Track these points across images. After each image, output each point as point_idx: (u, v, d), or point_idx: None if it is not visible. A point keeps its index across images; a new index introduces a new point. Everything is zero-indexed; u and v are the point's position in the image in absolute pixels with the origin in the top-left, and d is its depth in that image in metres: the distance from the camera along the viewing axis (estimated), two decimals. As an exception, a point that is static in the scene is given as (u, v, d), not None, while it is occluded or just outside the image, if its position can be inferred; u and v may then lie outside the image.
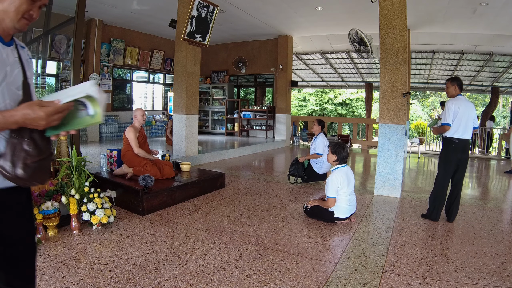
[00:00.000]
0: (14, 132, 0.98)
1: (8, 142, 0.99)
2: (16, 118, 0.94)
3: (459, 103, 3.43)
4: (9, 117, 0.94)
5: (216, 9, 6.47)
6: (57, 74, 7.23)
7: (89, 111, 0.99)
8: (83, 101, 0.99)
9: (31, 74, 1.15)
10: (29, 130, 0.98)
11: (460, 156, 3.46)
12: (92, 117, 1.00)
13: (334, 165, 3.47)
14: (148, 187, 3.65)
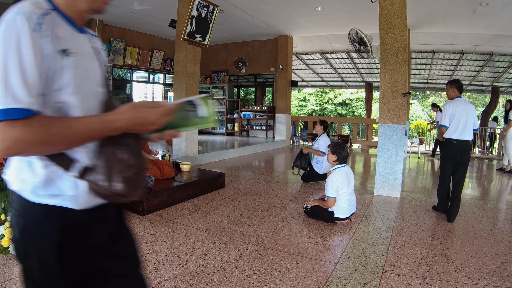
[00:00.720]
0: (106, 139, 0.81)
1: (99, 152, 0.82)
2: (119, 124, 0.78)
3: (457, 104, 3.56)
4: (111, 122, 0.78)
5: (216, 9, 6.47)
6: (57, 74, 7.23)
7: (199, 112, 0.88)
8: (193, 100, 0.88)
9: (105, 68, 1.01)
10: (124, 135, 0.81)
11: (459, 156, 3.54)
12: (204, 119, 0.88)
13: (334, 165, 3.47)
14: (148, 187, 3.65)
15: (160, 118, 0.81)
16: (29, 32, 0.72)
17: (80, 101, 0.83)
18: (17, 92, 0.69)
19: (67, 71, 0.79)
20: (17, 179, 0.83)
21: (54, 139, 0.73)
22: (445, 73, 13.09)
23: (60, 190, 0.82)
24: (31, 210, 0.82)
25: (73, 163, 0.81)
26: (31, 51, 0.71)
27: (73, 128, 0.75)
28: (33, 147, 0.71)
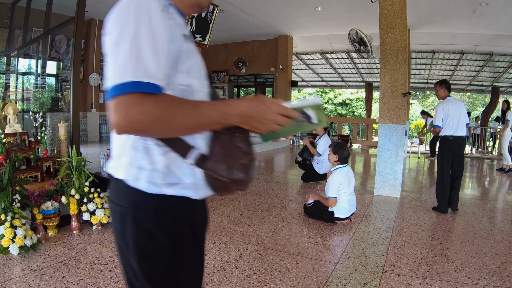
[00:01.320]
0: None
1: (216, 138, 0.79)
2: (241, 109, 0.73)
3: (448, 104, 3.81)
4: (235, 106, 0.73)
5: (216, 9, 6.47)
6: (57, 74, 7.24)
7: (312, 120, 0.85)
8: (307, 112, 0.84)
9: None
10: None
11: (455, 151, 3.83)
12: (316, 124, 0.86)
13: (335, 165, 3.47)
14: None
15: (279, 115, 0.76)
16: (159, 10, 0.71)
17: (201, 86, 0.82)
18: (150, 66, 0.67)
19: (191, 54, 0.79)
20: (132, 167, 0.78)
21: (178, 121, 0.69)
22: (445, 73, 13.09)
23: (179, 178, 0.79)
24: (148, 202, 0.78)
25: (191, 150, 0.77)
26: (162, 29, 0.71)
27: (197, 113, 0.70)
28: (157, 125, 0.67)
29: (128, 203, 0.79)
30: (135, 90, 0.65)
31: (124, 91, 0.65)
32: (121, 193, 0.81)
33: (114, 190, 0.83)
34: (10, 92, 6.20)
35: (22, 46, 6.38)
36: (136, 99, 0.65)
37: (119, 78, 0.66)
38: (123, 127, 0.66)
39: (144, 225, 0.78)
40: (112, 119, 0.66)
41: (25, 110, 6.15)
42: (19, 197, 2.71)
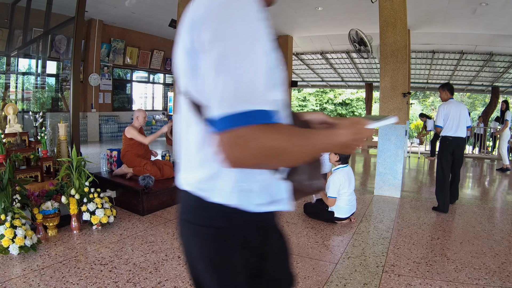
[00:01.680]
0: None
1: None
2: (341, 140, 0.68)
3: (449, 106, 3.96)
4: (336, 136, 0.67)
5: (216, 9, 6.46)
6: (57, 74, 7.24)
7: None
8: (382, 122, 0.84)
9: None
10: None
11: (455, 151, 3.98)
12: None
13: (336, 165, 3.47)
14: (148, 187, 3.65)
15: (363, 143, 0.72)
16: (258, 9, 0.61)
17: (284, 100, 0.73)
18: (266, 89, 0.59)
19: (279, 64, 0.70)
20: (234, 190, 0.71)
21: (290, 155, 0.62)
22: (445, 73, 13.08)
23: (276, 194, 0.76)
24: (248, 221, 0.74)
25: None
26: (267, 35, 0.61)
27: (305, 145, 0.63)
28: (273, 160, 0.61)
29: (224, 224, 0.73)
30: (257, 122, 0.57)
31: (246, 122, 0.57)
32: (213, 214, 0.74)
33: (201, 211, 0.75)
34: (10, 92, 6.20)
35: (22, 46, 6.38)
36: (255, 131, 0.57)
37: (238, 105, 0.57)
38: (241, 163, 0.60)
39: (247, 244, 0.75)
40: (228, 153, 0.59)
41: (25, 110, 6.15)
42: (19, 197, 2.71)
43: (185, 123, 0.76)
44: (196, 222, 0.76)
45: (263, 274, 0.78)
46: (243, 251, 0.75)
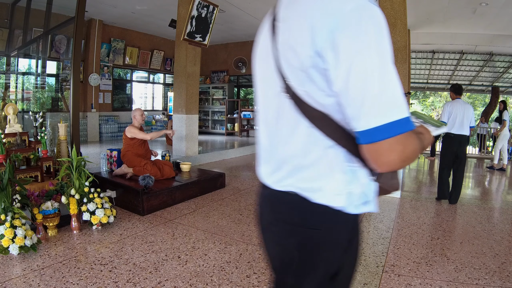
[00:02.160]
0: None
1: None
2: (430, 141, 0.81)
3: (454, 104, 4.20)
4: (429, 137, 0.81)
5: (216, 9, 6.47)
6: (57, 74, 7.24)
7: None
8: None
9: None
10: None
11: (456, 148, 4.17)
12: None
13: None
14: (148, 187, 3.65)
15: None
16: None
17: None
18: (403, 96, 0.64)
19: None
20: (341, 192, 0.73)
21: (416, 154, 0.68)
22: (445, 73, 13.08)
23: (370, 195, 0.79)
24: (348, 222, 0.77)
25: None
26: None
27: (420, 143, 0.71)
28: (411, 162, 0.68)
29: (326, 225, 0.75)
30: (408, 128, 0.62)
31: (405, 129, 0.62)
32: (314, 216, 0.75)
33: (301, 212, 0.76)
34: (10, 92, 6.20)
35: (22, 46, 6.38)
36: (408, 137, 0.63)
37: (396, 114, 0.61)
38: (395, 166, 0.64)
39: (342, 244, 0.77)
40: (386, 158, 0.63)
41: (25, 110, 6.15)
42: (19, 197, 2.71)
43: (288, 124, 0.75)
44: (295, 223, 0.76)
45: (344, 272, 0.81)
46: (341, 252, 0.77)
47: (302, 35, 0.66)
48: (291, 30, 0.69)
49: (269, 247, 0.88)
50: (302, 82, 0.69)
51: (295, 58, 0.68)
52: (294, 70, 0.69)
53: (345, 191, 0.73)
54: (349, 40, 0.60)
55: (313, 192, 0.73)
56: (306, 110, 0.70)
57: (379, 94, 0.61)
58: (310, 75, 0.67)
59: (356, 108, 0.62)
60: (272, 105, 0.79)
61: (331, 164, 0.72)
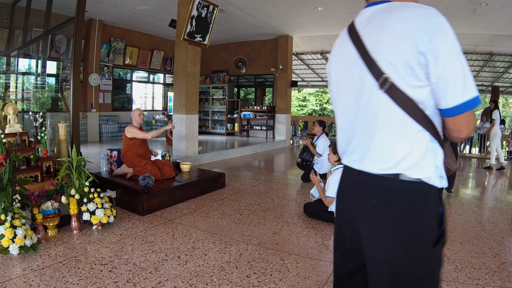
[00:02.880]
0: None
1: (446, 142, 0.98)
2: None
3: None
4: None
5: (216, 9, 6.47)
6: (57, 74, 7.24)
7: None
8: None
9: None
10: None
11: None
12: None
13: (335, 165, 3.47)
14: (148, 187, 3.65)
15: None
16: None
17: None
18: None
19: None
20: (431, 167, 0.91)
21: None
22: (445, 73, 13.07)
23: (443, 172, 0.95)
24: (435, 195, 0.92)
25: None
26: None
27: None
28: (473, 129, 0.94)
29: (422, 200, 0.90)
30: (477, 104, 0.85)
31: (475, 105, 0.85)
32: (413, 192, 0.90)
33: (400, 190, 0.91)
34: (10, 92, 6.20)
35: (22, 46, 6.38)
36: (473, 111, 0.88)
37: (472, 93, 0.85)
38: (468, 133, 0.90)
39: (435, 216, 0.92)
40: (465, 129, 0.89)
41: (25, 110, 6.15)
42: (19, 197, 2.71)
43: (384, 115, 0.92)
44: (393, 201, 0.91)
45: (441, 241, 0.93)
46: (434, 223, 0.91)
47: (405, 41, 0.87)
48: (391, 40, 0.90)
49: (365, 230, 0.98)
50: (403, 76, 0.88)
51: (399, 58, 0.88)
52: (397, 68, 0.88)
53: (433, 165, 0.91)
54: (440, 42, 0.84)
55: (411, 169, 0.90)
56: (401, 100, 0.89)
57: (462, 79, 0.84)
58: (414, 69, 0.87)
59: (447, 91, 0.86)
60: (364, 100, 0.97)
61: (422, 145, 0.90)
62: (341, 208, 1.10)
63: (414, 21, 0.87)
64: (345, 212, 1.07)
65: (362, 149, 0.99)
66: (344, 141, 1.09)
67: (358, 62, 0.97)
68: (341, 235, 1.10)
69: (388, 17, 0.92)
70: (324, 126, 5.33)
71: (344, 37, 1.06)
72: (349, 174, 1.05)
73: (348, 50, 1.01)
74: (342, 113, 1.10)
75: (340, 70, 1.08)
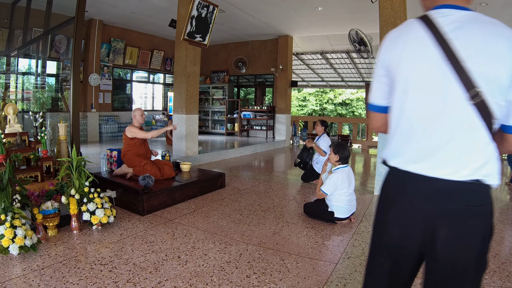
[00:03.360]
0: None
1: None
2: None
3: None
4: None
5: (216, 9, 6.47)
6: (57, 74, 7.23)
7: None
8: None
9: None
10: None
11: None
12: None
13: (336, 165, 3.47)
14: (148, 187, 3.65)
15: None
16: None
17: None
18: None
19: None
20: (498, 173, 1.00)
21: None
22: (445, 73, 13.08)
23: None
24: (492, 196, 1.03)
25: None
26: None
27: None
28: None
29: (491, 200, 1.01)
30: None
31: None
32: (487, 194, 1.00)
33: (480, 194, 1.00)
34: (10, 92, 6.20)
35: (22, 46, 6.38)
36: None
37: None
38: None
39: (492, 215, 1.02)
40: None
41: (25, 110, 6.15)
42: (19, 197, 2.71)
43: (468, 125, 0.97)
44: (476, 204, 0.99)
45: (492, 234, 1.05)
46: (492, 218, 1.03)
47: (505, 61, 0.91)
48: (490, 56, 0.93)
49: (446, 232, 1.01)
50: (495, 94, 0.93)
51: (496, 76, 0.92)
52: (491, 85, 0.93)
53: (499, 173, 1.00)
54: None
55: (487, 176, 0.98)
56: (486, 115, 0.94)
57: None
58: (505, 89, 0.93)
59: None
60: (447, 109, 0.98)
61: (494, 155, 0.99)
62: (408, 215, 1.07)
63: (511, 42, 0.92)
64: (413, 219, 1.05)
65: (439, 156, 1.00)
66: (406, 145, 1.07)
67: (442, 66, 0.96)
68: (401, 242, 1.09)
69: (483, 30, 0.95)
70: (326, 126, 5.33)
71: (419, 31, 1.02)
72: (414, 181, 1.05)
73: (428, 48, 0.99)
74: (410, 116, 1.05)
75: (412, 65, 1.03)
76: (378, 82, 1.14)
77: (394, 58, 1.06)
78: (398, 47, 1.06)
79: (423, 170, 1.02)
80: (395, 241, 1.10)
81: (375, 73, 1.16)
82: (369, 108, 1.21)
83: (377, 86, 1.15)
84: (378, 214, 1.17)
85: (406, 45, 1.05)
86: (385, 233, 1.12)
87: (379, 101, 1.16)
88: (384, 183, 1.16)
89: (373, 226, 1.19)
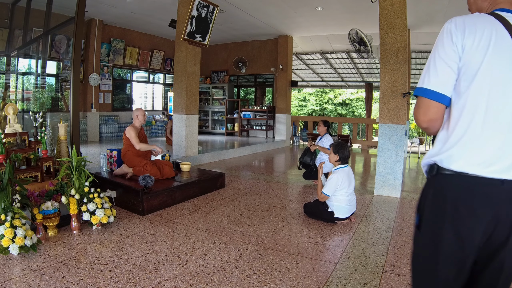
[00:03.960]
0: None
1: None
2: None
3: None
4: None
5: (216, 9, 6.47)
6: (57, 74, 7.23)
7: None
8: None
9: None
10: None
11: None
12: None
13: (336, 165, 3.47)
14: (148, 187, 3.65)
15: None
16: None
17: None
18: None
19: None
20: None
21: None
22: (445, 73, 13.08)
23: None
24: None
25: None
26: None
27: None
28: None
29: None
30: None
31: None
32: None
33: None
34: (10, 92, 6.20)
35: (22, 46, 6.38)
36: None
37: None
38: None
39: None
40: None
41: (25, 110, 6.15)
42: (19, 197, 2.71)
43: None
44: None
45: None
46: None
47: None
48: None
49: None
50: None
51: None
52: None
53: None
54: None
55: None
56: None
57: None
58: None
59: None
60: None
61: None
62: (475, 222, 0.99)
63: None
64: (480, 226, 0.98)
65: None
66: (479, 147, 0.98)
67: None
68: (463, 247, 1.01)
69: None
70: (328, 126, 5.34)
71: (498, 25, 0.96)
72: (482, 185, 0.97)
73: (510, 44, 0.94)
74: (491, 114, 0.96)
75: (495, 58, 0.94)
76: (447, 67, 0.99)
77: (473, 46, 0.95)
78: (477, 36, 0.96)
79: (496, 173, 0.95)
80: (457, 249, 1.01)
81: (439, 55, 1.01)
82: (425, 95, 1.02)
83: (444, 70, 0.99)
84: (431, 223, 1.06)
85: (477, 32, 0.96)
86: (445, 242, 1.02)
87: (442, 89, 1.00)
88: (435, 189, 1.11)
89: (423, 236, 1.09)
